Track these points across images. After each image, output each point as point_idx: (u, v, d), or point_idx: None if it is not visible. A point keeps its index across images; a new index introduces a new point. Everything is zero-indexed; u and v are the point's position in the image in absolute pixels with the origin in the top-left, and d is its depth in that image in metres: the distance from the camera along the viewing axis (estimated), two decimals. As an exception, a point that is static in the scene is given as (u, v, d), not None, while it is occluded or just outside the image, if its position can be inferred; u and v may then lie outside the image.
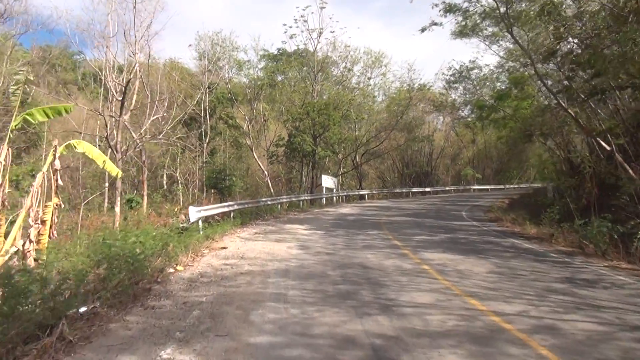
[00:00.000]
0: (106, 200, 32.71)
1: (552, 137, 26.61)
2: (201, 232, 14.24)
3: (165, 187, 40.73)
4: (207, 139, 41.04)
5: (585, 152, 25.66)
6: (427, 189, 47.29)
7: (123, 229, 10.93)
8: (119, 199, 14.10)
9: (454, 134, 56.78)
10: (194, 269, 9.36)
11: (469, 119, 50.93)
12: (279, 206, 26.03)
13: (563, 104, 18.32)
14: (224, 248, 11.96)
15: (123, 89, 14.89)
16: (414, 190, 45.65)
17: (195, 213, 14.18)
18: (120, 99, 15.36)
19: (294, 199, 28.50)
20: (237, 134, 46.47)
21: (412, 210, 27.66)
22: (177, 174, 40.78)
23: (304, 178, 39.71)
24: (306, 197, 30.61)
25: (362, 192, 40.02)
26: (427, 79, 67.74)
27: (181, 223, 15.26)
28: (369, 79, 39.32)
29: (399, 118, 41.96)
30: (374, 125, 43.99)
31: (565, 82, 18.42)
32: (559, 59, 17.80)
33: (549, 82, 22.25)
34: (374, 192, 42.22)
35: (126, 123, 19.53)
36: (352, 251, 11.89)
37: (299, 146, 33.31)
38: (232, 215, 18.27)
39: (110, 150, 18.94)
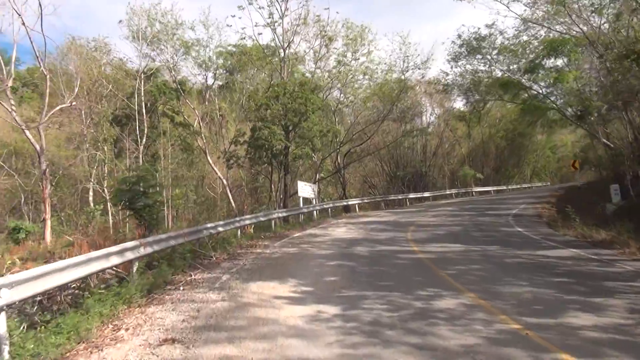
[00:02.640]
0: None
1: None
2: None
3: (93, 206, 30.66)
4: (144, 140, 31.20)
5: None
6: (426, 194, 38.60)
7: None
8: None
9: (446, 128, 48.33)
10: None
11: (464, 109, 42.70)
12: (239, 232, 16.54)
13: None
14: None
15: None
16: (411, 196, 36.82)
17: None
18: None
19: (262, 219, 19.05)
20: (186, 134, 36.79)
21: (439, 227, 18.67)
22: (104, 188, 30.76)
23: (273, 186, 30.31)
24: (280, 214, 21.16)
25: (351, 202, 30.82)
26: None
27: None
28: (355, 51, 30.03)
29: (392, 105, 32.98)
30: (361, 115, 34.95)
31: None
32: None
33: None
34: (365, 200, 33.01)
35: None
36: None
37: (266, 142, 23.94)
38: (134, 268, 8.69)
39: None
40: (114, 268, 8.62)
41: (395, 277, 9.18)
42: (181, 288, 8.64)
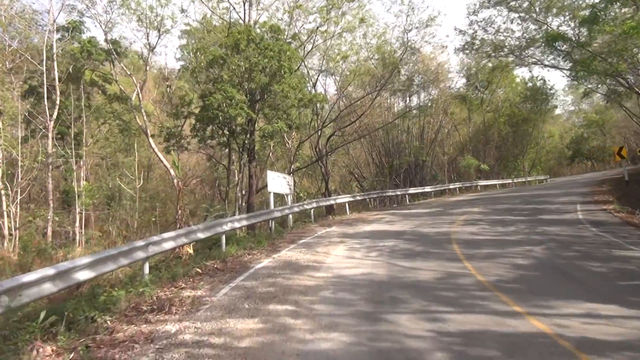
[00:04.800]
0: None
1: None
2: None
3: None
4: (55, 114, 22.72)
5: None
6: (427, 189, 31.15)
7: None
8: None
9: (443, 115, 40.86)
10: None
11: (464, 89, 35.31)
12: (147, 267, 8.51)
13: None
14: None
15: None
16: (411, 191, 29.31)
17: None
18: None
19: (202, 236, 10.92)
20: (123, 110, 28.49)
21: (503, 246, 11.00)
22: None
23: (236, 179, 22.33)
24: (237, 224, 13.07)
25: (340, 200, 22.97)
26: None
27: None
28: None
29: (394, 70, 25.19)
30: (350, 86, 27.13)
31: None
32: None
33: None
34: (358, 198, 25.07)
35: None
36: None
37: (221, 113, 16.04)
38: None
39: None
40: None
41: None
42: None
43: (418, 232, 14.26)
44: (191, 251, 12.40)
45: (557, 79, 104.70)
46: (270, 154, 29.34)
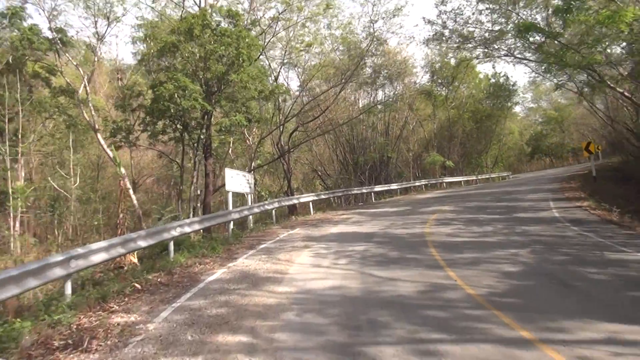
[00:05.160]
0: None
1: None
2: None
3: None
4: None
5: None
6: (394, 186, 30.26)
7: None
8: None
9: (408, 110, 40.09)
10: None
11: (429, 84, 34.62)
12: (69, 289, 6.89)
13: None
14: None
15: None
16: (377, 189, 28.27)
17: None
18: None
19: (143, 244, 9.37)
20: (70, 104, 26.23)
21: (490, 249, 9.94)
22: None
23: (192, 178, 20.62)
24: (188, 229, 11.50)
25: (304, 199, 21.59)
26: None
27: None
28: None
29: (360, 60, 24.04)
30: (313, 80, 25.84)
31: None
32: None
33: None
34: (322, 196, 23.80)
35: None
36: None
37: (172, 105, 14.47)
38: None
39: None
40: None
41: None
42: None
43: (390, 234, 13.11)
44: (136, 260, 10.89)
45: (518, 77, 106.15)
46: (230, 151, 27.79)
